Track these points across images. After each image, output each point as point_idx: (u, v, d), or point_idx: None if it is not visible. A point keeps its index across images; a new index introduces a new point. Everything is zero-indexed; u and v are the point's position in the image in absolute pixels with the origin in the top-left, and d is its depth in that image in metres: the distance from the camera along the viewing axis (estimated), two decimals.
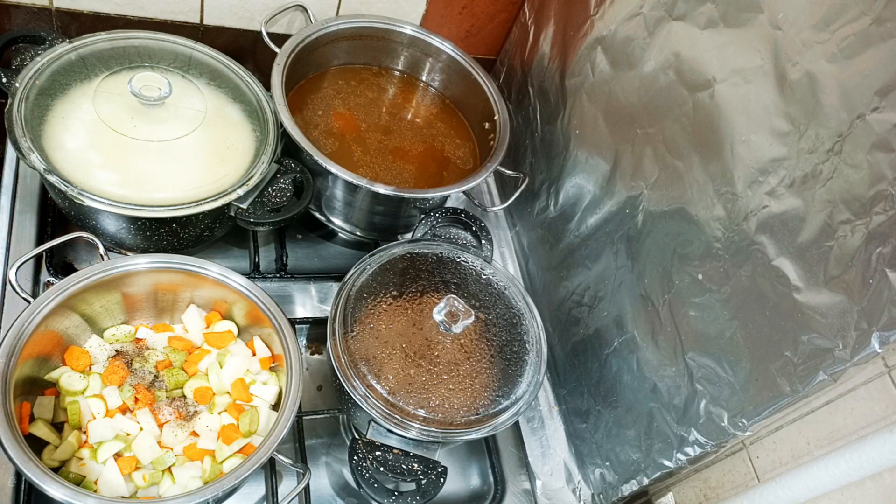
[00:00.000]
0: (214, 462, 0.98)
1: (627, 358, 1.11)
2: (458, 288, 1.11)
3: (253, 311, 1.05)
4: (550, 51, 1.34)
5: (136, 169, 1.04)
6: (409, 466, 0.98)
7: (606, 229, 1.17)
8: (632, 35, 1.08)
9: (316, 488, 1.10)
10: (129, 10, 1.27)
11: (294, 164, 1.15)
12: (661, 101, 1.02)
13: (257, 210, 1.10)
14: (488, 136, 1.35)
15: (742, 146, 0.88)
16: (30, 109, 1.03)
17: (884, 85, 0.71)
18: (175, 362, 1.04)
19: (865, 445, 0.80)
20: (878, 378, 0.82)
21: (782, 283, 0.83)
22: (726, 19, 0.90)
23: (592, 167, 1.20)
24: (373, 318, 1.04)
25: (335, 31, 1.32)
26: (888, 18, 0.71)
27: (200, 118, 1.11)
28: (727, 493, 1.03)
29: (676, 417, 1.00)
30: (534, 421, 1.30)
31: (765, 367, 0.85)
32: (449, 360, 1.03)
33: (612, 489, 1.15)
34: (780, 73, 0.82)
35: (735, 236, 0.89)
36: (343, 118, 1.32)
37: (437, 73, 1.44)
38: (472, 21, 1.50)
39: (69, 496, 0.81)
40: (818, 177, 0.78)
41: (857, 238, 0.74)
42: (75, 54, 1.11)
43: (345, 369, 0.98)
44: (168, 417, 0.99)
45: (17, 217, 1.15)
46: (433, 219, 1.21)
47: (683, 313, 0.99)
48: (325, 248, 1.37)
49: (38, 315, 0.92)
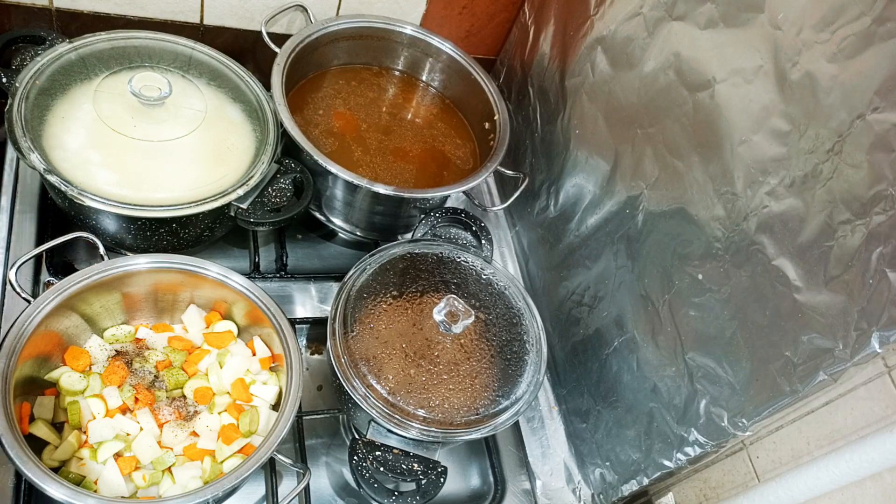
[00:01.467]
0: (214, 462, 0.98)
1: (627, 358, 1.11)
2: (458, 288, 1.11)
3: (253, 311, 1.05)
4: (550, 51, 1.34)
5: (136, 169, 1.04)
6: (409, 466, 0.98)
7: (606, 229, 1.17)
8: (632, 35, 1.08)
9: (316, 488, 1.10)
10: (129, 10, 1.27)
11: (294, 164, 1.15)
12: (661, 101, 1.02)
13: (257, 210, 1.10)
14: (488, 136, 1.35)
15: (742, 146, 0.88)
16: (30, 109, 1.03)
17: (884, 85, 0.71)
18: (175, 362, 1.04)
19: (865, 445, 0.80)
20: (878, 378, 0.82)
21: (782, 283, 0.83)
22: (726, 19, 0.90)
23: (592, 167, 1.20)
24: (373, 318, 1.04)
25: (335, 31, 1.32)
26: (888, 18, 0.71)
27: (200, 118, 1.11)
28: (727, 493, 1.03)
29: (676, 417, 1.00)
30: (534, 421, 1.30)
31: (765, 367, 0.85)
32: (449, 360, 1.03)
33: (612, 489, 1.15)
34: (780, 73, 0.82)
35: (735, 236, 0.89)
36: (343, 118, 1.32)
37: (437, 73, 1.44)
38: (472, 21, 1.50)
39: (69, 496, 0.81)
40: (818, 177, 0.78)
41: (857, 238, 0.74)
42: (75, 54, 1.11)
43: (345, 369, 0.98)
44: (168, 417, 0.99)
45: (17, 217, 1.15)
46: (433, 219, 1.21)
47: (683, 313, 0.99)
48: (325, 248, 1.37)
49: (38, 315, 0.92)
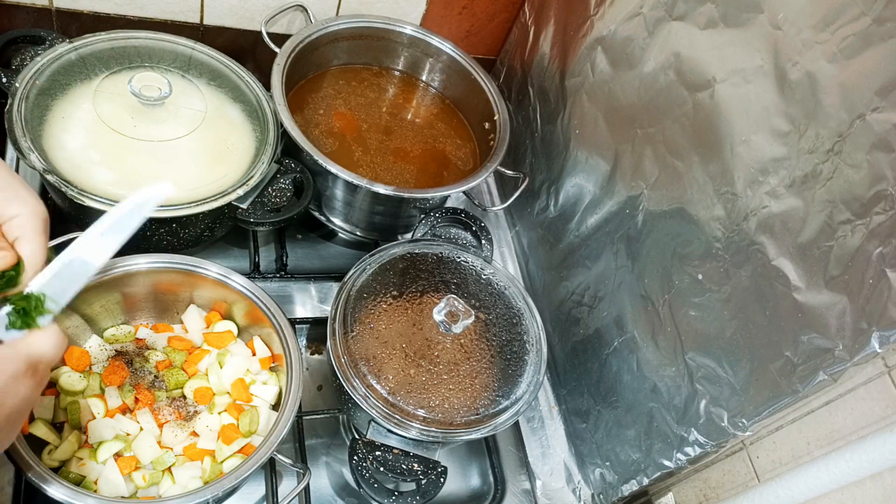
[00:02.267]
0: (214, 462, 0.97)
1: (627, 358, 1.11)
2: (458, 288, 1.11)
3: (253, 311, 1.05)
4: (550, 51, 1.34)
5: (136, 169, 1.04)
6: (409, 466, 0.98)
7: (606, 229, 1.17)
8: (632, 35, 1.08)
9: (316, 488, 1.10)
10: (129, 10, 1.27)
11: (294, 164, 1.15)
12: (661, 101, 1.02)
13: (257, 210, 1.10)
14: (488, 136, 1.35)
15: (742, 146, 0.88)
16: (30, 109, 1.03)
17: (884, 85, 0.71)
18: (175, 362, 1.04)
19: (865, 445, 0.80)
20: (878, 378, 0.82)
21: (782, 283, 0.83)
22: (726, 19, 0.90)
23: (592, 167, 1.20)
24: (373, 318, 1.04)
25: (335, 31, 1.32)
26: (888, 18, 0.71)
27: (200, 118, 1.11)
28: (727, 493, 1.03)
29: (676, 417, 1.00)
30: (534, 421, 1.30)
31: (765, 367, 0.85)
32: (449, 360, 1.03)
33: (612, 489, 1.15)
34: (780, 73, 0.82)
35: (735, 236, 0.89)
36: (343, 118, 1.32)
37: (437, 74, 1.44)
38: (472, 21, 1.50)
39: (69, 496, 0.81)
40: (818, 177, 0.78)
41: (857, 238, 0.74)
42: (75, 54, 1.11)
43: (345, 369, 0.98)
44: (168, 417, 0.99)
45: None
46: (433, 219, 1.21)
47: (683, 313, 0.99)
48: (325, 248, 1.36)
49: None
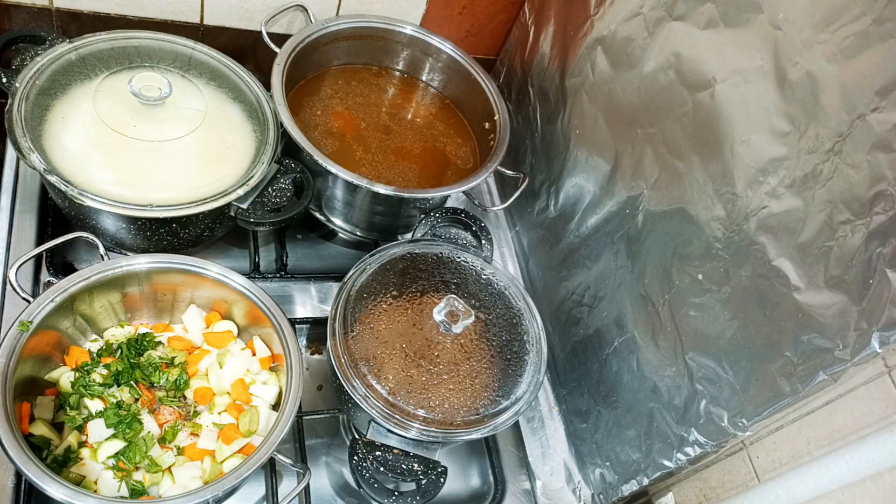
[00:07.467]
0: (214, 462, 0.97)
1: (627, 358, 1.11)
2: (458, 288, 1.11)
3: (253, 311, 1.05)
4: (550, 51, 1.34)
5: (136, 169, 1.04)
6: (409, 466, 0.98)
7: (606, 229, 1.17)
8: (632, 35, 1.08)
9: (316, 488, 1.10)
10: (129, 10, 1.27)
11: (294, 164, 1.15)
12: (661, 101, 1.02)
13: (257, 210, 1.10)
14: (488, 136, 1.35)
15: (742, 146, 0.88)
16: (30, 109, 1.03)
17: (884, 85, 0.71)
18: (175, 362, 1.04)
19: (865, 445, 0.80)
20: (878, 378, 0.82)
21: (782, 283, 0.83)
22: (726, 19, 0.90)
23: (592, 167, 1.20)
24: (373, 318, 1.04)
25: (335, 31, 1.32)
26: (888, 18, 0.71)
27: (200, 118, 1.11)
28: (727, 493, 1.03)
29: (676, 417, 1.00)
30: (534, 421, 1.30)
31: (765, 367, 0.85)
32: (449, 360, 1.03)
33: (612, 489, 1.15)
34: (780, 73, 0.82)
35: (735, 236, 0.89)
36: (343, 118, 1.32)
37: (437, 73, 1.44)
38: (472, 21, 1.50)
39: (69, 496, 0.81)
40: (818, 177, 0.78)
41: (857, 238, 0.74)
42: (75, 54, 1.11)
43: (345, 369, 0.98)
44: (168, 417, 0.99)
45: (17, 217, 1.15)
46: (433, 219, 1.21)
47: (683, 313, 0.99)
48: (325, 248, 1.36)
49: (39, 315, 0.92)
